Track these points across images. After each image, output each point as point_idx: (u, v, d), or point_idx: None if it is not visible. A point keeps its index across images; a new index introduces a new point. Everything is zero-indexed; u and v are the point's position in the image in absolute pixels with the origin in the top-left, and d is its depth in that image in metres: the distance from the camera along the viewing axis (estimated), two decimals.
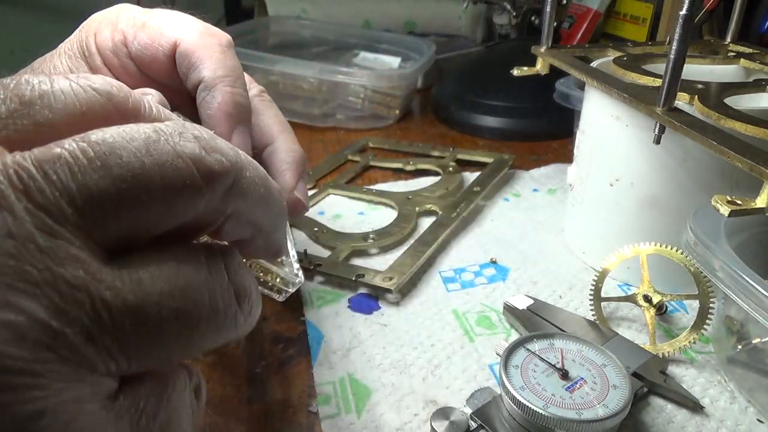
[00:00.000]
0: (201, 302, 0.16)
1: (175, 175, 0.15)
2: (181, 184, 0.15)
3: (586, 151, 0.38)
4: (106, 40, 0.30)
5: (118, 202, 0.14)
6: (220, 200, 0.16)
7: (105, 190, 0.14)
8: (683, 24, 0.27)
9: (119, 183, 0.14)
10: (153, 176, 0.15)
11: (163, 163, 0.15)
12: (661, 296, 0.31)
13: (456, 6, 0.89)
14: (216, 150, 0.16)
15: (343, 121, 0.66)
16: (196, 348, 0.16)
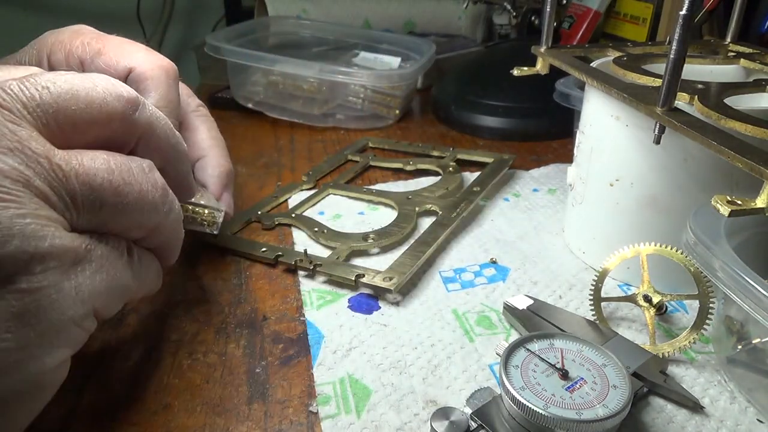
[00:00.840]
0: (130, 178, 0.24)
1: (96, 96, 0.23)
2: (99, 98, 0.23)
3: (586, 151, 0.38)
4: (60, 62, 0.34)
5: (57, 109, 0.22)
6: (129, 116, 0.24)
7: (46, 99, 0.22)
8: (683, 24, 0.27)
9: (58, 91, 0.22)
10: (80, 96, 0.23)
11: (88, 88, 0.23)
12: (661, 296, 0.31)
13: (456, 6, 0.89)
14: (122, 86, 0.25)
15: (343, 121, 0.66)
16: (129, 216, 0.24)
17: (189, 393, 0.29)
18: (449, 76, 0.72)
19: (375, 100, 0.66)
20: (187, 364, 0.31)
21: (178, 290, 0.37)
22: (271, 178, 0.54)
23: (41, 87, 0.22)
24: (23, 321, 0.20)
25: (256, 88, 0.68)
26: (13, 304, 0.20)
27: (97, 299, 0.23)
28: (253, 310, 0.35)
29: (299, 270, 0.39)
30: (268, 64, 0.63)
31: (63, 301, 0.21)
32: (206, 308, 0.36)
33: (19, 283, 0.20)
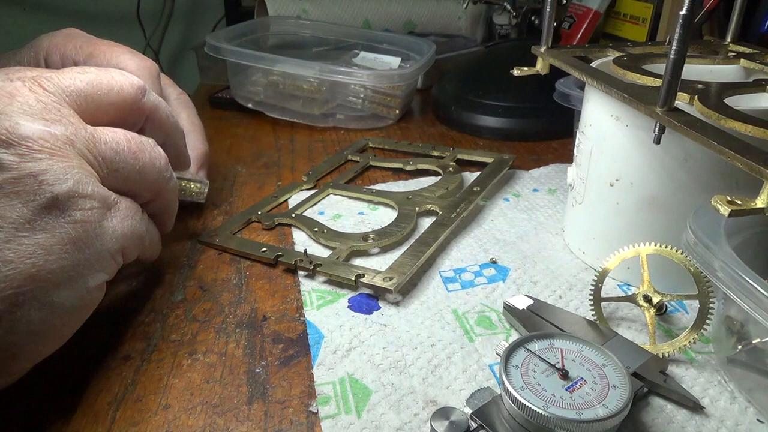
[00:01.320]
0: (142, 148, 0.31)
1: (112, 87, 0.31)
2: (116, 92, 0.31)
3: (586, 151, 0.38)
4: (56, 62, 0.40)
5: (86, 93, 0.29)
6: (138, 101, 0.32)
7: (79, 85, 0.29)
8: (683, 24, 0.27)
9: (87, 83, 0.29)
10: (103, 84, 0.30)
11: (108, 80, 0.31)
12: (661, 296, 0.31)
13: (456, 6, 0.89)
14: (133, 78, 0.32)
15: (343, 121, 0.66)
16: (142, 178, 0.31)
17: (189, 393, 0.29)
18: (449, 76, 0.72)
19: (375, 100, 0.66)
20: (187, 364, 0.31)
21: (178, 290, 0.37)
22: (271, 178, 0.54)
23: (73, 77, 0.28)
24: (76, 245, 0.26)
25: (256, 88, 0.68)
26: (70, 232, 0.26)
27: (125, 240, 0.29)
28: (253, 310, 0.35)
29: (299, 270, 0.39)
30: (268, 64, 0.63)
31: (103, 235, 0.28)
32: (206, 308, 0.36)
33: (74, 215, 0.26)
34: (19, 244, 0.24)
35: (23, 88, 0.26)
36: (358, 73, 0.62)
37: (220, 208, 0.48)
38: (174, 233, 0.44)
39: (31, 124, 0.25)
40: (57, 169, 0.25)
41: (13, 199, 0.24)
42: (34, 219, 0.24)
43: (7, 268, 0.24)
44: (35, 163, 0.25)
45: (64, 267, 0.25)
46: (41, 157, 0.25)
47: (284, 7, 0.85)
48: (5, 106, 0.25)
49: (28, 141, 0.25)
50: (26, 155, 0.25)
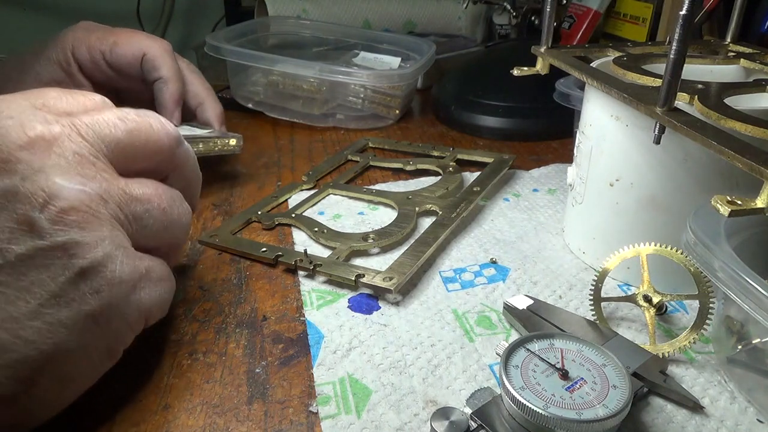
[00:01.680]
0: (171, 204, 0.30)
1: (150, 134, 0.29)
2: (153, 141, 0.30)
3: (586, 151, 0.38)
4: (84, 54, 0.46)
5: (125, 145, 0.28)
6: (170, 158, 0.31)
7: (118, 137, 0.28)
8: (683, 24, 0.27)
9: (125, 134, 0.28)
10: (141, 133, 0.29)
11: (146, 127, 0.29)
12: (661, 296, 0.31)
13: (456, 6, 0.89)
14: (167, 126, 0.31)
15: (343, 121, 0.66)
16: (170, 233, 0.30)
17: (189, 393, 0.29)
18: (449, 76, 0.72)
19: (375, 100, 0.66)
20: (187, 364, 0.31)
21: (178, 290, 0.37)
22: (271, 178, 0.54)
23: (113, 124, 0.28)
24: (98, 322, 0.25)
25: (256, 88, 0.68)
26: (94, 308, 0.25)
27: (149, 312, 0.28)
28: (253, 310, 0.35)
29: (299, 270, 0.39)
30: (268, 64, 0.63)
31: (128, 308, 0.27)
32: (206, 308, 0.36)
33: (100, 291, 0.25)
34: (42, 321, 0.23)
35: (62, 136, 0.25)
36: (358, 73, 0.62)
37: (220, 208, 0.48)
38: None
39: (68, 183, 0.25)
40: (88, 240, 0.24)
41: (42, 272, 0.23)
42: (60, 294, 0.24)
43: (28, 347, 0.23)
44: (68, 232, 0.24)
45: (85, 346, 0.25)
46: (74, 225, 0.24)
47: (284, 7, 0.84)
48: (43, 161, 0.24)
49: (63, 203, 0.24)
50: (60, 221, 0.24)
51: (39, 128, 0.25)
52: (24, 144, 0.24)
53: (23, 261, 0.23)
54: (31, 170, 0.24)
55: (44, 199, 0.24)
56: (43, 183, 0.24)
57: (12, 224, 0.23)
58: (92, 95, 0.30)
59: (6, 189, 0.23)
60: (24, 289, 0.23)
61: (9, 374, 0.23)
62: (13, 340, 0.23)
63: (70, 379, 0.25)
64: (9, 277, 0.23)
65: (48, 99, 0.27)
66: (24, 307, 0.23)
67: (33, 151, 0.24)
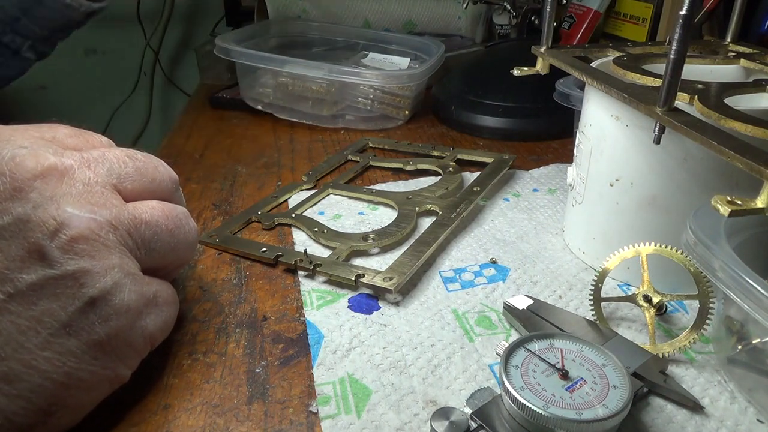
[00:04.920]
0: (180, 224, 0.30)
1: (159, 175, 0.31)
2: (162, 180, 0.31)
3: (586, 151, 0.38)
4: None
5: (126, 177, 0.29)
6: (175, 197, 0.32)
7: (124, 172, 0.29)
8: (683, 24, 0.27)
9: (130, 169, 0.29)
10: (147, 171, 0.30)
11: (149, 166, 0.30)
12: (661, 296, 0.31)
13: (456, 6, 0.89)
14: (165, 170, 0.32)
15: (353, 122, 0.66)
16: (178, 254, 0.30)
17: (189, 393, 0.29)
18: (449, 76, 0.72)
19: (384, 101, 0.66)
20: (187, 364, 0.31)
21: (178, 290, 0.37)
22: (271, 178, 0.54)
23: (123, 162, 0.28)
24: (105, 350, 0.25)
25: (266, 90, 0.68)
26: (102, 336, 0.25)
27: (154, 338, 0.28)
28: (253, 310, 0.35)
29: (299, 270, 0.39)
30: (277, 66, 0.63)
31: (134, 334, 0.27)
32: (206, 308, 0.36)
33: (108, 320, 0.25)
34: (53, 351, 0.23)
35: (73, 168, 0.26)
36: (367, 73, 0.62)
37: (220, 208, 0.48)
38: None
39: (78, 211, 0.25)
40: (98, 269, 0.25)
41: (52, 301, 0.24)
42: (70, 324, 0.24)
43: (41, 377, 0.23)
44: (78, 261, 0.24)
45: (94, 372, 0.25)
46: (84, 254, 0.24)
47: (284, 7, 0.84)
48: (55, 190, 0.25)
49: (74, 232, 0.24)
50: (70, 250, 0.24)
51: (52, 159, 0.25)
52: (38, 173, 0.24)
53: (34, 290, 0.23)
54: (42, 199, 0.24)
55: (55, 228, 0.24)
56: (54, 212, 0.24)
57: (23, 253, 0.23)
58: (100, 137, 0.30)
59: (18, 217, 0.23)
60: (35, 319, 0.23)
61: (25, 404, 0.23)
62: (26, 370, 0.23)
63: (81, 406, 0.26)
64: (20, 306, 0.23)
65: (58, 134, 0.28)
66: (35, 338, 0.23)
67: (46, 181, 0.25)
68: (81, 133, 0.30)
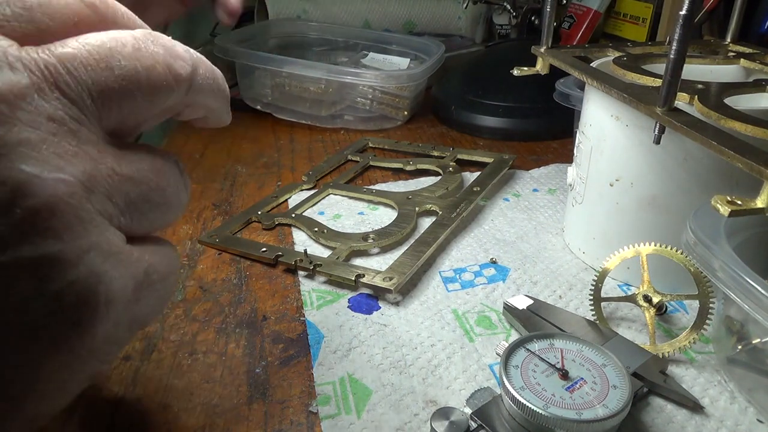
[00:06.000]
0: (170, 177, 0.22)
1: (156, 77, 0.20)
2: (160, 84, 0.20)
3: (586, 151, 0.38)
4: None
5: (120, 96, 0.19)
6: (183, 95, 0.22)
7: (112, 86, 0.19)
8: (683, 24, 0.27)
9: (121, 81, 0.19)
10: (141, 78, 0.20)
11: (148, 67, 0.20)
12: (661, 296, 0.31)
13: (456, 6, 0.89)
14: (179, 57, 0.21)
15: (351, 122, 0.66)
16: (167, 214, 0.22)
17: (189, 393, 0.29)
18: (449, 76, 0.72)
19: (383, 101, 0.66)
20: (187, 364, 0.31)
21: (178, 290, 0.37)
22: (271, 178, 0.54)
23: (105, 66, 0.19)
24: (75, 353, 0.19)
25: (265, 90, 0.68)
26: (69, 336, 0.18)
27: (148, 317, 0.22)
28: (253, 310, 0.35)
29: (299, 270, 0.39)
30: (276, 66, 0.63)
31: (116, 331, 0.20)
32: (206, 308, 0.36)
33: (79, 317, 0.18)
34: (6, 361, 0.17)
35: (31, 90, 0.17)
36: (366, 74, 0.62)
37: (220, 208, 0.48)
38: (174, 233, 0.44)
39: (40, 171, 0.17)
40: (68, 254, 0.17)
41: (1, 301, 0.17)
42: (30, 330, 0.18)
43: None
44: (39, 243, 0.17)
45: (60, 381, 0.19)
46: (48, 233, 0.17)
47: (284, 8, 0.84)
48: (6, 136, 0.16)
49: (34, 202, 0.17)
50: (28, 229, 0.17)
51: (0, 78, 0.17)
52: None
53: None
54: None
55: (7, 198, 0.16)
56: (5, 173, 0.16)
57: None
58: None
59: None
60: None
61: None
62: None
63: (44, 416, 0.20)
64: None
65: None
66: None
67: None
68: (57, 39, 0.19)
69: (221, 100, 0.25)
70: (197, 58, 0.23)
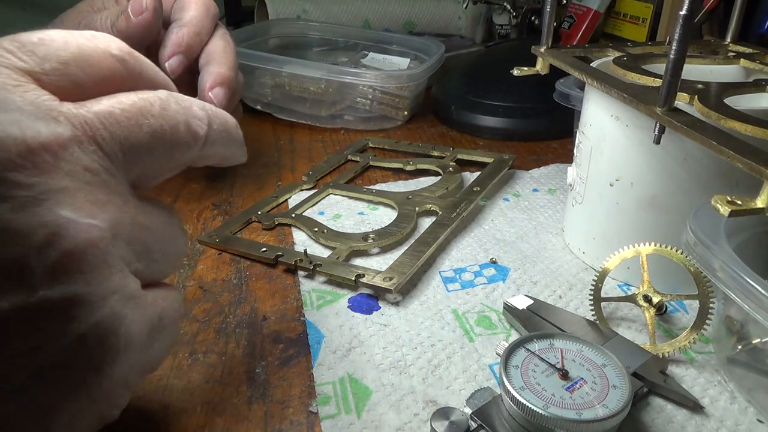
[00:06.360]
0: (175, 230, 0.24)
1: (178, 136, 0.22)
2: (181, 142, 0.22)
3: (586, 151, 0.38)
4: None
5: (146, 151, 0.21)
6: (199, 150, 0.23)
7: (141, 142, 0.21)
8: (683, 24, 0.27)
9: (149, 138, 0.21)
10: (166, 136, 0.22)
11: (172, 127, 0.22)
12: (661, 296, 0.31)
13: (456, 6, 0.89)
14: (196, 116, 0.23)
15: (351, 122, 0.66)
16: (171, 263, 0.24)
17: (189, 393, 0.29)
18: (449, 76, 0.72)
19: (383, 101, 0.66)
20: (187, 364, 0.31)
21: (178, 290, 0.37)
22: (271, 178, 0.54)
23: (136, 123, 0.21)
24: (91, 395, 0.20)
25: (264, 90, 0.68)
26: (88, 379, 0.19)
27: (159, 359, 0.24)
28: (253, 310, 0.35)
29: (299, 270, 0.39)
30: (277, 66, 0.63)
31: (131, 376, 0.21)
32: (206, 308, 0.36)
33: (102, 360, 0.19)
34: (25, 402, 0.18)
35: (72, 143, 0.19)
36: (366, 74, 0.62)
37: (220, 208, 0.48)
38: None
39: (76, 216, 0.18)
40: (94, 296, 0.18)
41: (29, 339, 0.18)
42: (52, 368, 0.18)
43: None
44: (68, 285, 0.18)
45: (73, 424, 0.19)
46: (77, 276, 0.18)
47: (284, 8, 0.84)
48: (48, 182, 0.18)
49: (68, 244, 0.18)
50: (61, 270, 0.18)
51: (44, 131, 0.18)
52: (24, 154, 0.17)
53: (4, 323, 0.17)
54: (29, 196, 0.17)
55: (45, 239, 0.17)
56: (45, 216, 0.17)
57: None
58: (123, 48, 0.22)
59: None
60: (4, 362, 0.17)
61: None
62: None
63: None
64: None
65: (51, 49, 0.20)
66: (6, 386, 0.18)
67: (34, 168, 0.18)
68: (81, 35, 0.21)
69: (234, 147, 0.26)
70: (212, 113, 0.24)
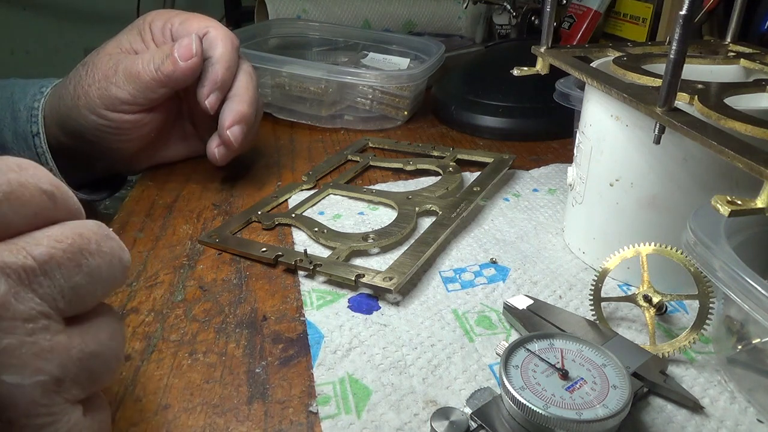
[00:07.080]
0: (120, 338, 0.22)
1: (114, 271, 0.21)
2: (116, 277, 0.22)
3: (586, 151, 0.38)
4: (158, 24, 0.50)
5: (85, 290, 0.20)
6: None
7: (80, 283, 0.20)
8: (683, 24, 0.27)
9: (88, 278, 0.20)
10: (103, 272, 0.21)
11: (108, 263, 0.21)
12: (661, 296, 0.31)
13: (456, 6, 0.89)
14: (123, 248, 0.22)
15: (351, 122, 0.66)
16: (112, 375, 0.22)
17: (189, 393, 0.29)
18: (449, 76, 0.72)
19: (383, 101, 0.66)
20: (187, 364, 0.31)
21: (178, 290, 0.37)
22: (271, 178, 0.54)
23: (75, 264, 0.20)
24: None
25: (264, 90, 0.68)
26: None
27: None
28: (253, 310, 0.35)
29: (299, 270, 0.39)
30: (277, 66, 0.63)
31: None
32: (206, 308, 0.36)
33: None
34: None
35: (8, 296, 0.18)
36: (366, 74, 0.62)
37: (220, 208, 0.48)
38: (174, 233, 0.44)
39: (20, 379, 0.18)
40: None
41: None
42: None
43: None
44: None
45: None
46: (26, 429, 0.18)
47: (284, 8, 0.85)
48: None
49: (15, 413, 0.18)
50: None
51: None
52: None
53: None
54: None
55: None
56: None
57: None
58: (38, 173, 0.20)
59: None
60: None
61: None
62: None
63: None
64: None
65: None
66: None
67: None
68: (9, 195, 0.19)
69: None
70: None
